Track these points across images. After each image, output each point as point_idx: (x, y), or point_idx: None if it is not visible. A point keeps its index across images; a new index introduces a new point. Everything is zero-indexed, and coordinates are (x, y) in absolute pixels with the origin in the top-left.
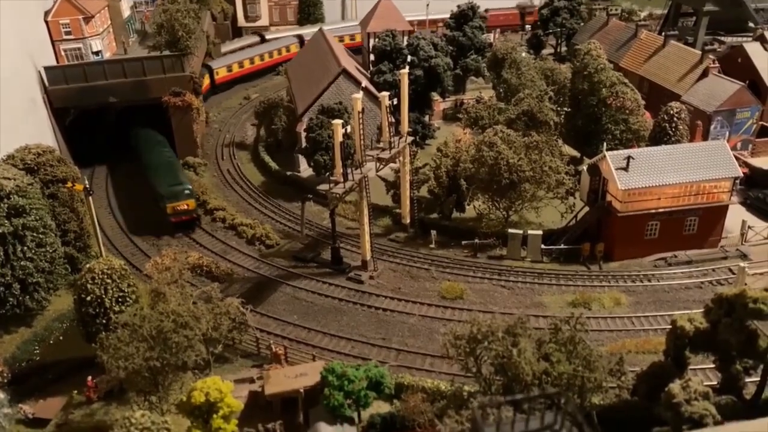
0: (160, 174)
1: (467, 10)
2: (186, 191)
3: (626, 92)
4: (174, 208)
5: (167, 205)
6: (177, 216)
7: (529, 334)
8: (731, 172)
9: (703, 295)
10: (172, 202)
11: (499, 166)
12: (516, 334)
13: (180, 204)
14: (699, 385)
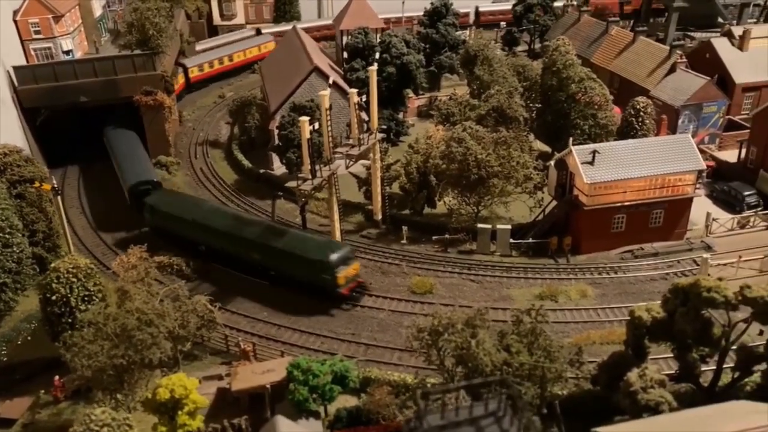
0: (303, 240)
1: (440, 8)
2: (352, 251)
3: (594, 87)
4: (346, 277)
5: (338, 276)
6: (348, 285)
7: (487, 326)
8: (695, 165)
9: (668, 286)
10: (343, 271)
11: (468, 162)
12: (475, 325)
13: (350, 270)
14: (655, 373)
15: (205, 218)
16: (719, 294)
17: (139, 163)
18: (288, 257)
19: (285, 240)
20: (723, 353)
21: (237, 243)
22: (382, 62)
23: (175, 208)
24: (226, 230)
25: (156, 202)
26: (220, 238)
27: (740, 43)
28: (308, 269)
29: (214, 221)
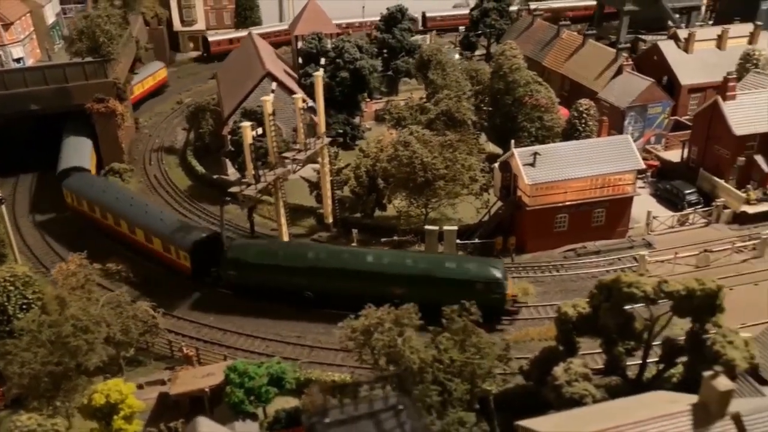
0: (457, 263)
1: (396, 13)
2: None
3: (540, 91)
4: (511, 292)
5: (507, 293)
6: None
7: (416, 324)
8: (634, 164)
9: None
10: (508, 287)
11: (414, 165)
12: (403, 324)
13: (509, 283)
14: (580, 367)
15: (317, 260)
16: (638, 289)
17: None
18: (447, 284)
19: (437, 266)
20: (647, 346)
21: (368, 279)
22: (335, 67)
23: (268, 257)
24: (350, 268)
25: (240, 255)
26: (338, 278)
27: (686, 45)
28: (475, 292)
29: (327, 262)
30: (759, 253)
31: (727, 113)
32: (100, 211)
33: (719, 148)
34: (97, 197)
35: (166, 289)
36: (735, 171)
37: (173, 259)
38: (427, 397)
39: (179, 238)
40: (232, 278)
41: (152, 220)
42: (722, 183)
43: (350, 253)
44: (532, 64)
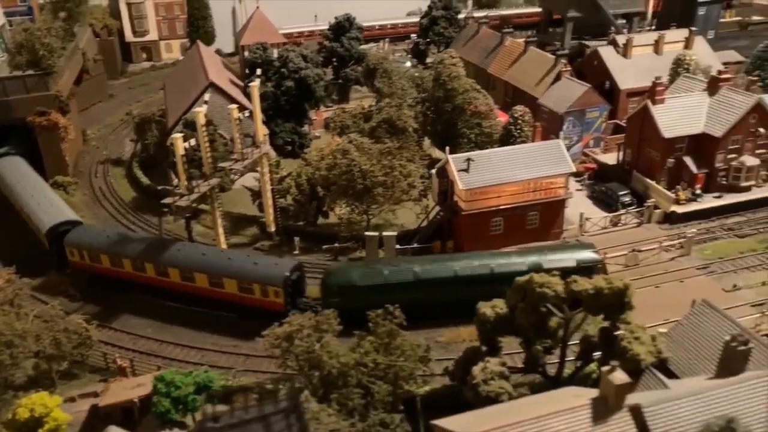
0: (554, 250)
1: (344, 22)
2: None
3: (478, 98)
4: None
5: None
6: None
7: (336, 330)
8: (565, 168)
9: None
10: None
11: (353, 173)
12: (322, 330)
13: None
14: (496, 366)
15: (425, 272)
16: (550, 289)
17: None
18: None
19: (543, 258)
20: (564, 344)
21: (479, 283)
22: (280, 77)
23: (374, 277)
24: (462, 274)
25: (344, 280)
26: (450, 286)
27: (624, 51)
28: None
29: (436, 272)
30: (686, 251)
31: (657, 117)
32: (132, 264)
33: (650, 150)
34: (122, 250)
35: (106, 302)
36: (666, 172)
37: (257, 298)
38: (349, 400)
39: (266, 275)
40: (337, 305)
41: (220, 261)
42: (653, 184)
43: (456, 260)
44: (478, 72)
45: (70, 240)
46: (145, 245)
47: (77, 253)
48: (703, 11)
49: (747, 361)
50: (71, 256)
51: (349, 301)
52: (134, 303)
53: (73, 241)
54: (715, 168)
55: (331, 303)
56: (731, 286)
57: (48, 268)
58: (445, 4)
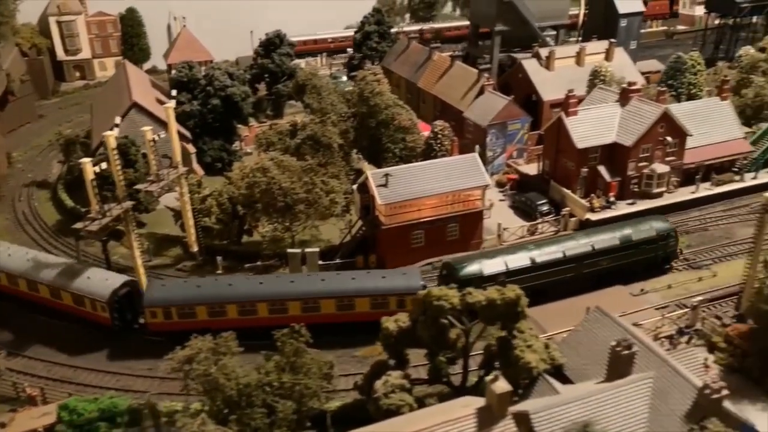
0: (635, 225)
1: (274, 39)
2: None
3: (401, 113)
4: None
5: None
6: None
7: (234, 351)
8: (481, 181)
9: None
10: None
11: (272, 191)
12: (220, 352)
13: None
14: (397, 379)
15: (541, 255)
16: (447, 302)
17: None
18: (643, 244)
19: (634, 231)
20: (466, 354)
21: (586, 259)
22: (206, 95)
23: (497, 266)
24: (570, 254)
25: (472, 272)
26: (563, 265)
27: (547, 63)
28: (659, 246)
29: (551, 254)
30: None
31: (570, 128)
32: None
33: (566, 160)
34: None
35: (20, 329)
36: (581, 181)
37: (89, 311)
38: (252, 419)
39: (93, 291)
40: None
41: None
42: (569, 193)
43: (565, 240)
44: (410, 86)
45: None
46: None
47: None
48: (625, 23)
49: (632, 364)
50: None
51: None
52: (49, 329)
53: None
54: (628, 176)
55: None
56: (639, 290)
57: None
58: (377, 19)
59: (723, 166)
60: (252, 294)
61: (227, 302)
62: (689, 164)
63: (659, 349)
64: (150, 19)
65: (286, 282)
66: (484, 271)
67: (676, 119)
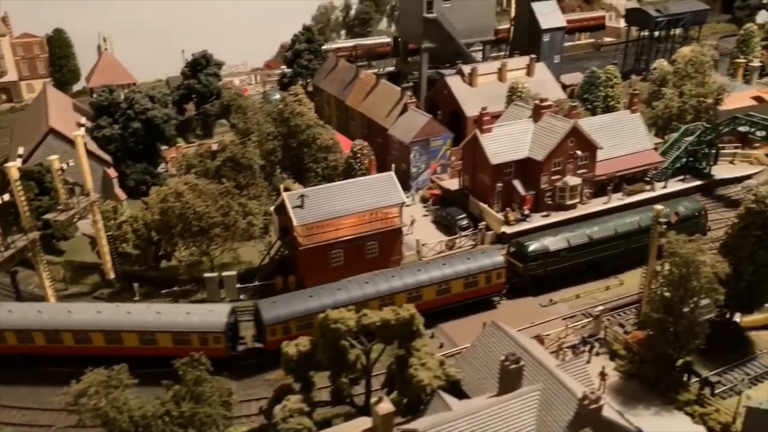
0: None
1: (200, 59)
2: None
3: (323, 133)
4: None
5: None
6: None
7: (126, 384)
8: (397, 199)
9: None
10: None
11: (187, 216)
12: (112, 385)
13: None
14: (296, 403)
15: (594, 232)
16: (343, 324)
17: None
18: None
19: (665, 213)
20: (368, 375)
21: (621, 239)
22: (126, 119)
23: (562, 242)
24: (612, 234)
25: (540, 247)
26: (609, 242)
27: (470, 79)
28: (691, 224)
29: (602, 232)
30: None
31: (485, 144)
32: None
33: (483, 175)
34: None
35: None
36: (497, 196)
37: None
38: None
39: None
40: (536, 268)
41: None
42: (486, 207)
43: (616, 219)
44: (339, 103)
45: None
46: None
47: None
48: (548, 38)
49: (521, 378)
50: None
51: (545, 265)
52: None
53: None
54: (542, 189)
55: (531, 267)
56: (548, 301)
57: None
58: (308, 37)
59: (635, 177)
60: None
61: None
62: (601, 176)
63: (549, 361)
64: (79, 40)
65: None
66: (550, 248)
67: (585, 133)
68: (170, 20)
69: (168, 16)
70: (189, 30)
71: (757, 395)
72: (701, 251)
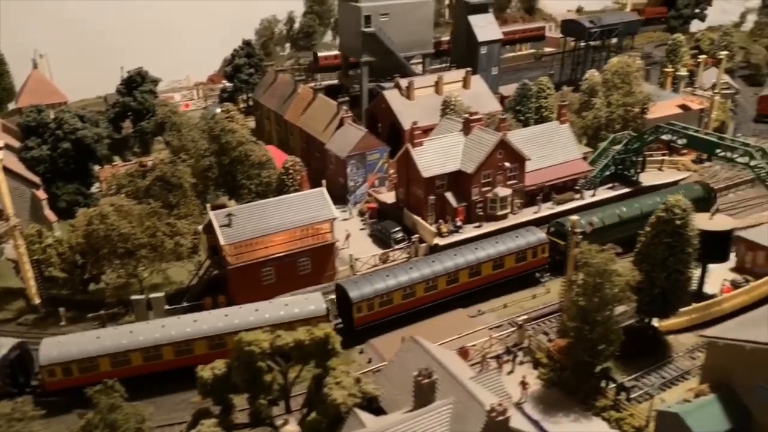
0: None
1: (135, 77)
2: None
3: (254, 150)
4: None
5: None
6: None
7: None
8: (328, 215)
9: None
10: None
11: (112, 238)
12: (15, 418)
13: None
14: (209, 427)
15: (623, 213)
16: (257, 346)
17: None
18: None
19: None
20: (287, 395)
21: (639, 220)
22: (55, 139)
23: (614, 217)
24: (629, 216)
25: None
26: (632, 223)
27: (407, 93)
28: (700, 205)
29: (629, 213)
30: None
31: (416, 158)
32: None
33: (416, 188)
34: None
35: None
36: (431, 208)
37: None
38: None
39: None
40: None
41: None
42: (419, 220)
43: (642, 200)
44: (278, 118)
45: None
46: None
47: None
48: (485, 50)
49: (434, 392)
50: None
51: (594, 236)
52: None
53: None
54: (473, 201)
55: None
56: (476, 311)
57: None
58: (247, 52)
59: (565, 186)
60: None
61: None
62: (531, 186)
63: (464, 374)
64: (14, 57)
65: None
66: (605, 222)
67: (513, 145)
68: (111, 36)
69: (109, 32)
70: (131, 45)
71: (671, 398)
72: (612, 260)
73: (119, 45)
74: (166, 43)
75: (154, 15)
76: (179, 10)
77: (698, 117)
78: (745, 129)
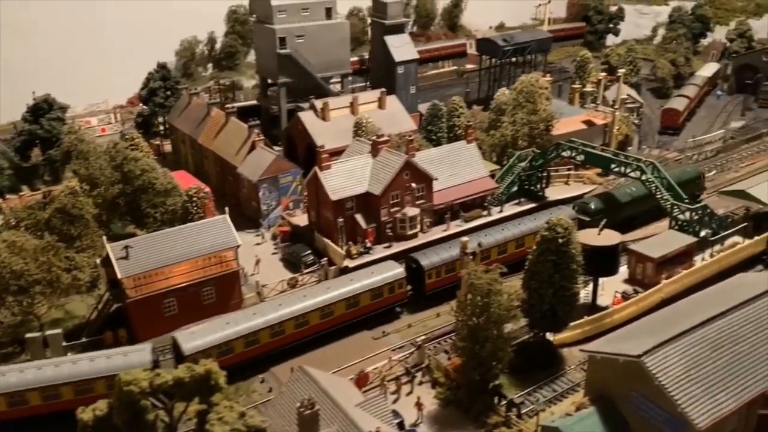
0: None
1: (42, 104)
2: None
3: (158, 177)
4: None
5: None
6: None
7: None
8: (232, 242)
9: None
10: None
11: (3, 275)
12: None
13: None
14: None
15: (634, 193)
16: (136, 386)
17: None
18: (686, 183)
19: (677, 174)
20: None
21: (649, 199)
22: None
23: (624, 197)
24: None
25: (610, 198)
26: (642, 201)
27: (323, 114)
28: (696, 185)
29: (638, 193)
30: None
31: (324, 181)
32: None
33: (326, 211)
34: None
35: None
36: (341, 230)
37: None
38: None
39: None
40: (603, 215)
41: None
42: (328, 242)
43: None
44: (192, 142)
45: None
46: None
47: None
48: (402, 70)
49: (317, 422)
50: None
51: (610, 212)
52: None
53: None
54: (382, 222)
55: (596, 220)
56: (381, 333)
57: None
58: (162, 75)
59: (473, 203)
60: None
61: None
62: (439, 205)
63: (349, 402)
64: None
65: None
66: (621, 199)
67: (419, 166)
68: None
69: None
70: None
71: (561, 410)
72: (497, 281)
73: (34, 68)
74: (86, 65)
75: (75, 37)
76: (100, 31)
77: (602, 132)
78: (651, 141)
